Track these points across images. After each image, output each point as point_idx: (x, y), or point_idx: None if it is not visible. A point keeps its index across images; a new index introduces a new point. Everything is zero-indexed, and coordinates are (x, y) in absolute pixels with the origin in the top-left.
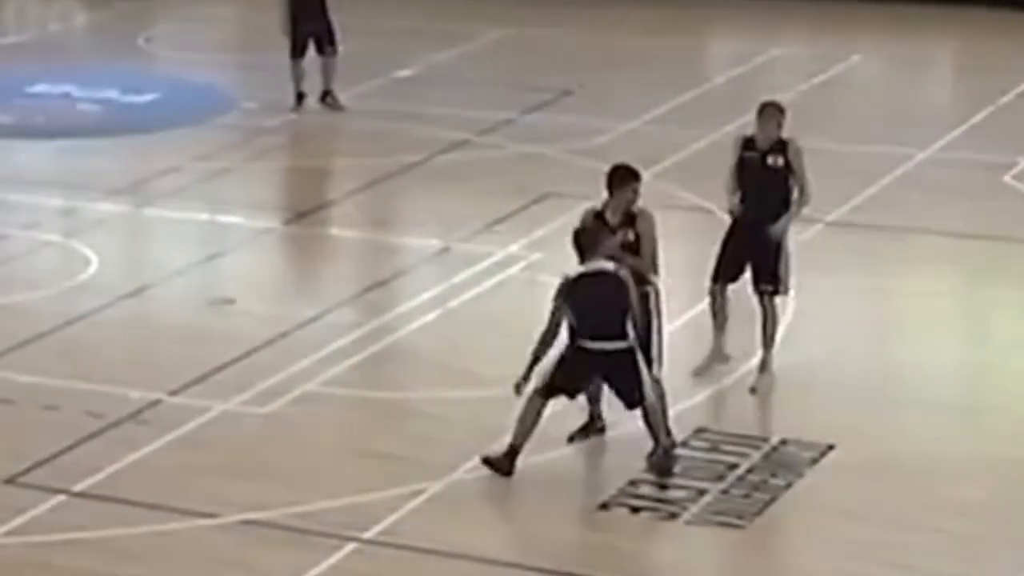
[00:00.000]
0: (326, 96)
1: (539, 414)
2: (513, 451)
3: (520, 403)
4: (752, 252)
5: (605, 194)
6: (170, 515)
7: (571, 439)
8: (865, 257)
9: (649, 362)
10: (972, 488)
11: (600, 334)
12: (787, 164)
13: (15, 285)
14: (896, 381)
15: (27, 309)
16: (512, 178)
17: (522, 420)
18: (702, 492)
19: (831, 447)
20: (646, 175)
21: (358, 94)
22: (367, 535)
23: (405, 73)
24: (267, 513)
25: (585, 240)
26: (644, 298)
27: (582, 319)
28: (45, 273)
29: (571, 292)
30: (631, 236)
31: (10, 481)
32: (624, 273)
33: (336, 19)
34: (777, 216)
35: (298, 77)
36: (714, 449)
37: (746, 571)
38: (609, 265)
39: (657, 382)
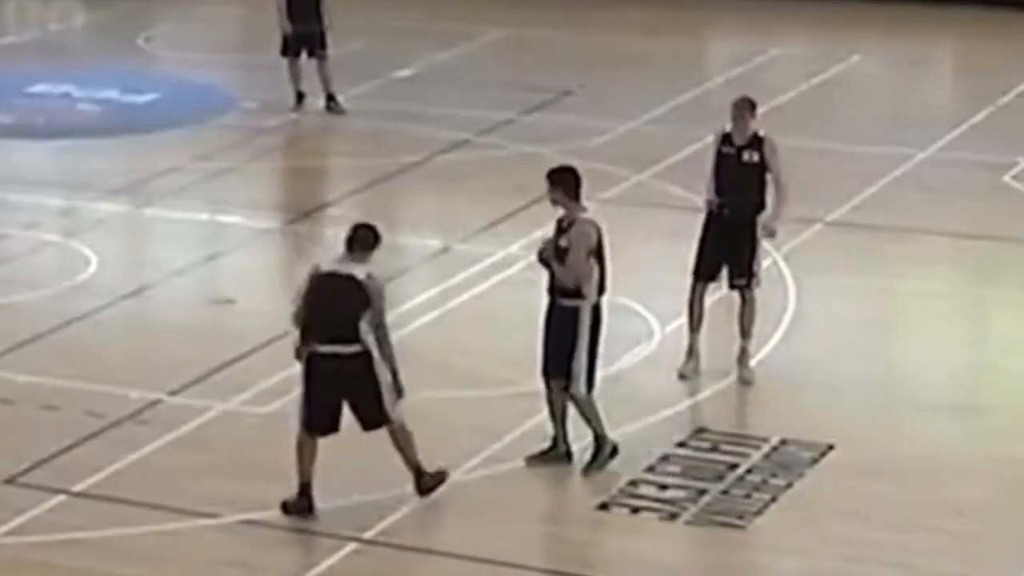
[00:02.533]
0: (329, 102)
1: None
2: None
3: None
4: (727, 247)
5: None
6: (170, 515)
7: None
8: (865, 257)
9: (569, 378)
10: (972, 488)
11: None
12: (762, 160)
13: (15, 285)
14: (896, 381)
15: (27, 309)
16: (512, 178)
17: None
18: (702, 492)
19: (831, 447)
20: (646, 175)
21: (358, 94)
22: (367, 535)
23: (405, 73)
24: (267, 513)
25: None
26: (572, 312)
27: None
28: (45, 273)
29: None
30: (563, 243)
31: (10, 481)
32: (370, 283)
33: (335, 20)
34: (752, 211)
35: (296, 76)
36: (714, 449)
37: (746, 571)
38: (358, 271)
39: (587, 398)
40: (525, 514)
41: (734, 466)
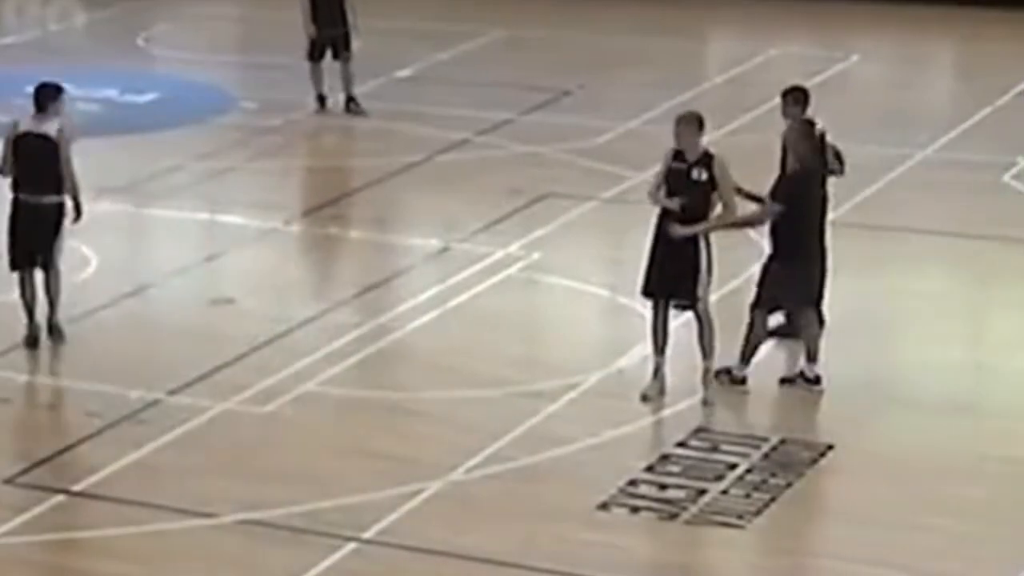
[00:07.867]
0: (350, 103)
1: None
2: None
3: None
4: (671, 266)
5: None
6: (170, 515)
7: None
8: (865, 257)
9: None
10: (972, 488)
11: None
12: (711, 178)
13: (15, 284)
14: (896, 381)
15: None
16: (512, 178)
17: None
18: (702, 492)
19: (831, 447)
20: (646, 175)
21: (359, 94)
22: (367, 535)
23: (405, 73)
24: (267, 513)
25: None
26: None
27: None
28: None
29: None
30: None
31: (10, 481)
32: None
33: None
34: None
35: (318, 80)
36: (714, 449)
37: (746, 571)
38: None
39: None
40: (525, 514)
41: (734, 466)
